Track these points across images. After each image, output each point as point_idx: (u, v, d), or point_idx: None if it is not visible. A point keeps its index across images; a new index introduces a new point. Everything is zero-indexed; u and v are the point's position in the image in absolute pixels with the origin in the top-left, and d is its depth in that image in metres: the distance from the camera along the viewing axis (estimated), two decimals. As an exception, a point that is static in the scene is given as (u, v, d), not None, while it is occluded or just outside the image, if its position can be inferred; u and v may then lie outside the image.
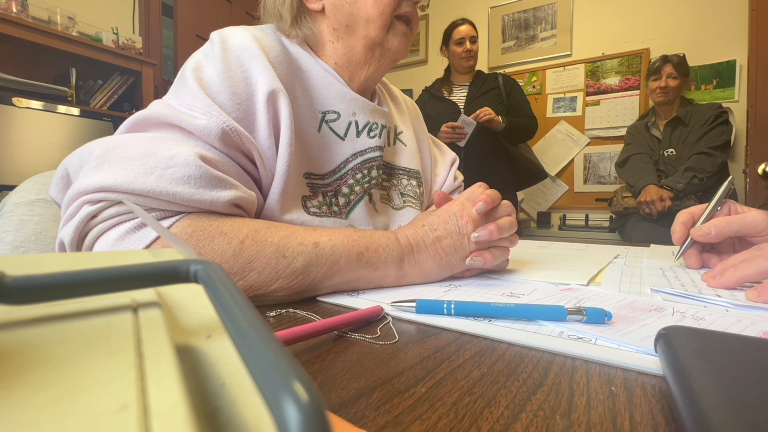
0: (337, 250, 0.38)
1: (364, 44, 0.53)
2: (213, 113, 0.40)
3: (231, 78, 0.43)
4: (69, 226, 0.35)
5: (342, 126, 0.53)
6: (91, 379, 0.08)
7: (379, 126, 0.57)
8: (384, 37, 0.53)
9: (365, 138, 0.55)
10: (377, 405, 0.19)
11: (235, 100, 0.43)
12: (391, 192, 0.61)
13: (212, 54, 0.45)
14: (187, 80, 0.43)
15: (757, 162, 1.81)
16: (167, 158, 0.36)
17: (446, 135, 1.80)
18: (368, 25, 0.52)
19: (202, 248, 0.35)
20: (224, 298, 0.10)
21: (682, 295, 0.37)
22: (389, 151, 0.63)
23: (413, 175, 0.65)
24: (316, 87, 0.52)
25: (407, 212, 0.61)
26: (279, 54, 0.49)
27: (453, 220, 0.43)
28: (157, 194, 0.35)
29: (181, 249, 0.16)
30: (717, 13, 2.20)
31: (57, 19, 2.01)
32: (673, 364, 0.20)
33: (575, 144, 2.62)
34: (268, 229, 0.38)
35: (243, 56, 0.45)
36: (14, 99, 1.77)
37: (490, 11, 2.90)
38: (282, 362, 0.07)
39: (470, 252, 0.43)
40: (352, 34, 0.53)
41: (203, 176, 0.37)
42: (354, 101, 0.54)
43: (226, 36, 0.46)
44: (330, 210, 0.51)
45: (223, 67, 0.44)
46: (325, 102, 0.52)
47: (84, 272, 0.11)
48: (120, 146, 0.37)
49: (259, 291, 0.36)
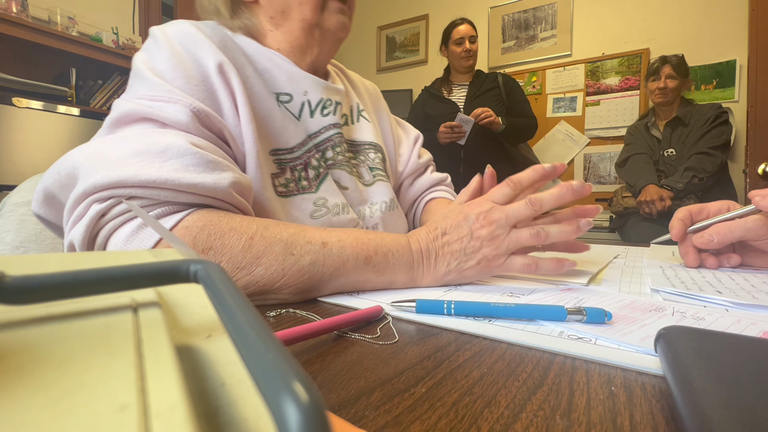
0: (345, 252, 0.38)
1: (302, 27, 0.54)
2: (176, 98, 0.41)
3: (181, 63, 0.44)
4: (79, 226, 0.35)
5: (296, 107, 0.54)
6: (91, 379, 0.08)
7: (333, 102, 0.57)
8: (320, 17, 0.54)
9: (319, 117, 0.55)
10: (377, 405, 0.19)
11: (191, 83, 0.43)
12: (360, 168, 0.61)
13: (156, 46, 0.45)
14: (141, 74, 0.43)
15: (757, 162, 1.81)
16: (162, 150, 0.37)
17: (445, 135, 1.80)
18: (302, 7, 0.53)
19: (213, 242, 0.35)
20: (224, 298, 0.10)
21: (682, 295, 0.37)
22: (353, 128, 0.63)
23: (378, 149, 0.65)
24: (266, 70, 0.52)
25: (378, 186, 0.62)
26: (223, 39, 0.50)
27: (466, 225, 0.41)
28: (162, 183, 0.35)
29: (181, 248, 0.16)
30: (717, 13, 2.20)
31: (57, 19, 2.01)
32: (673, 364, 0.20)
33: (575, 144, 2.62)
34: (276, 227, 0.38)
35: (186, 41, 0.46)
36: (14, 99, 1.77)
37: (490, 11, 2.90)
38: (282, 362, 0.07)
39: (486, 256, 0.40)
40: (288, 19, 0.54)
41: (200, 162, 0.38)
42: (304, 79, 0.54)
43: (165, 28, 0.47)
44: (298, 186, 0.51)
45: (170, 54, 0.44)
46: (276, 84, 0.53)
47: (84, 272, 0.11)
48: (106, 150, 0.37)
49: (265, 287, 0.36)
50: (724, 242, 0.47)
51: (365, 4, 3.42)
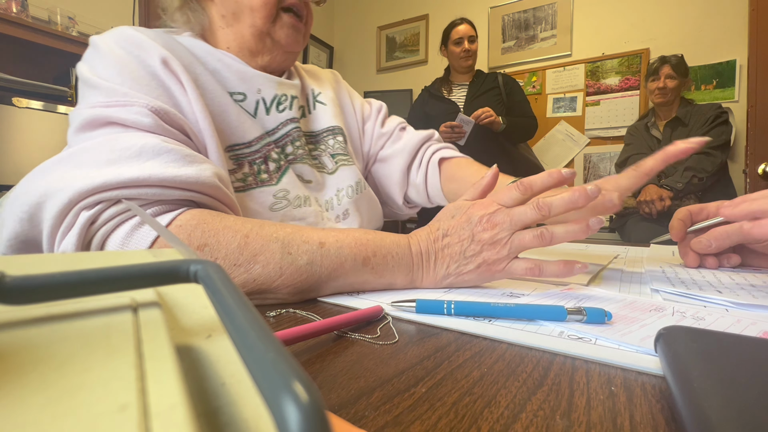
0: (342, 253, 0.38)
1: (252, 33, 0.53)
2: (132, 100, 0.40)
3: (125, 66, 0.43)
4: (70, 236, 0.34)
5: (250, 105, 0.53)
6: (91, 379, 0.08)
7: (288, 97, 0.56)
8: (271, 28, 0.54)
9: (275, 113, 0.55)
10: (377, 405, 0.19)
11: (141, 83, 0.43)
12: (322, 158, 0.61)
13: (98, 54, 0.45)
14: (89, 83, 0.42)
15: (757, 162, 1.81)
16: (137, 153, 0.36)
17: (445, 135, 1.80)
18: (253, 14, 0.52)
19: (208, 239, 0.35)
20: (224, 298, 0.10)
21: (682, 295, 0.37)
22: (311, 119, 0.62)
23: (338, 132, 0.64)
24: (217, 70, 0.52)
25: (342, 172, 0.61)
26: (167, 41, 0.50)
27: (468, 227, 0.39)
28: (148, 180, 0.35)
29: (180, 247, 0.16)
30: (717, 13, 2.20)
31: (57, 19, 2.01)
32: (673, 364, 0.20)
33: (575, 144, 2.62)
34: (272, 226, 0.38)
35: (127, 44, 0.45)
36: (14, 99, 1.77)
37: (490, 11, 2.90)
38: (282, 362, 0.07)
39: (486, 260, 0.38)
40: (239, 21, 0.53)
41: (179, 157, 0.38)
42: (256, 77, 0.54)
43: (105, 35, 0.47)
44: (257, 179, 0.51)
45: (113, 59, 0.44)
46: (229, 84, 0.53)
47: (84, 272, 0.11)
48: (79, 159, 0.36)
49: (263, 285, 0.36)
50: (723, 247, 0.47)
51: (365, 4, 3.42)
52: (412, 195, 0.74)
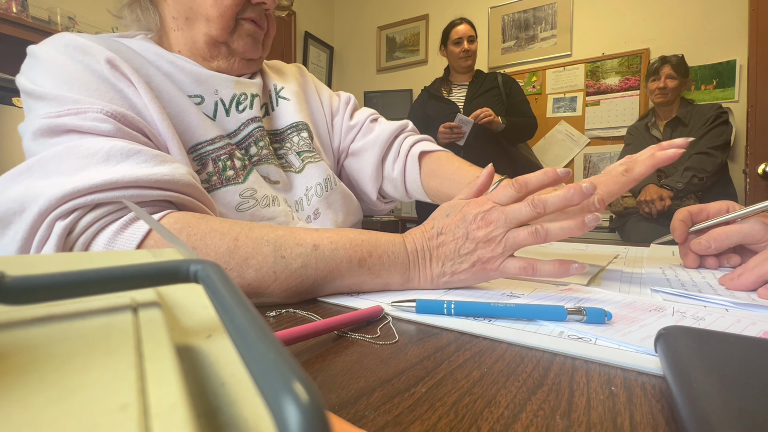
0: (337, 255, 0.37)
1: (206, 41, 0.51)
2: (85, 107, 0.38)
3: (70, 72, 0.41)
4: (46, 249, 0.32)
5: (209, 108, 0.51)
6: (91, 379, 0.08)
7: (248, 96, 0.54)
8: (228, 38, 0.51)
9: (235, 114, 0.53)
10: (377, 405, 0.19)
11: (90, 88, 0.41)
12: (288, 157, 0.59)
13: (39, 63, 0.42)
14: (33, 94, 0.40)
15: (757, 162, 1.81)
16: (106, 156, 0.35)
17: (444, 135, 1.80)
18: (209, 24, 0.50)
19: (195, 243, 0.34)
20: (224, 298, 0.10)
21: (682, 295, 0.37)
22: (274, 116, 0.60)
23: (302, 127, 0.61)
24: (170, 73, 0.50)
25: (309, 170, 0.59)
26: (114, 45, 0.47)
27: (463, 225, 0.39)
28: (121, 181, 0.34)
29: (176, 245, 0.16)
30: (717, 13, 2.20)
31: (57, 19, 2.01)
32: (673, 364, 0.20)
33: (575, 144, 2.62)
34: (262, 228, 0.37)
35: (70, 50, 0.43)
36: (14, 99, 1.77)
37: (490, 11, 2.90)
38: (282, 362, 0.07)
39: (480, 258, 0.38)
40: (192, 27, 0.51)
41: (149, 157, 0.37)
42: (212, 78, 0.52)
43: (45, 44, 0.44)
44: (222, 178, 0.49)
45: (57, 67, 0.41)
46: (184, 86, 0.50)
47: (84, 272, 0.11)
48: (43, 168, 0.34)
49: (258, 289, 0.35)
50: (722, 248, 0.47)
51: (365, 4, 3.42)
52: (388, 189, 0.71)
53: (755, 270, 0.39)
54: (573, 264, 0.36)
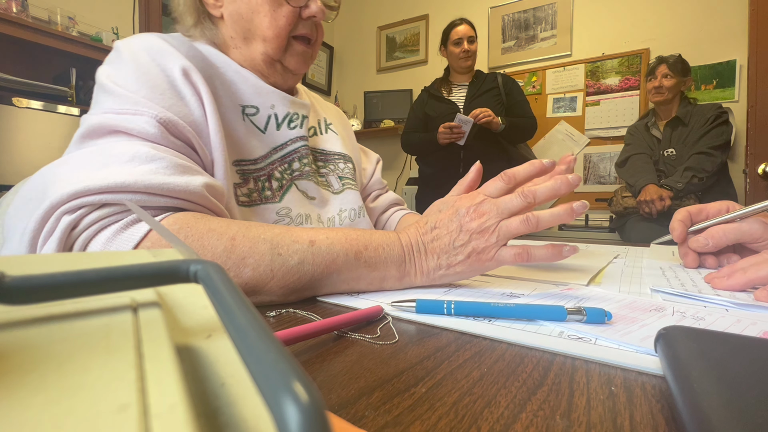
0: (333, 249, 0.38)
1: (263, 59, 0.54)
2: (142, 109, 0.41)
3: (146, 73, 0.44)
4: (50, 243, 0.34)
5: (262, 120, 0.54)
6: (91, 379, 0.08)
7: (300, 116, 0.57)
8: (282, 56, 0.54)
9: (285, 130, 0.56)
10: (377, 405, 0.19)
11: (157, 92, 0.43)
12: (329, 177, 0.62)
13: (120, 59, 0.45)
14: (105, 88, 0.43)
15: (757, 162, 1.81)
16: (129, 159, 0.36)
17: (445, 135, 1.80)
18: (265, 44, 0.53)
19: (192, 244, 0.35)
20: (224, 298, 0.10)
21: (682, 295, 0.37)
22: (322, 139, 0.64)
23: (348, 160, 0.66)
24: (234, 82, 0.53)
25: (347, 194, 0.63)
26: (190, 50, 0.50)
27: (456, 218, 0.40)
28: (132, 186, 0.35)
29: (177, 245, 0.16)
30: (717, 13, 2.20)
31: (57, 19, 2.01)
32: (673, 364, 0.20)
33: (575, 144, 2.62)
34: (259, 227, 0.38)
35: (152, 53, 0.46)
36: (14, 99, 1.77)
37: (490, 11, 2.90)
38: (282, 362, 0.07)
39: (475, 249, 0.38)
40: (249, 47, 0.54)
41: (170, 165, 0.38)
42: (271, 93, 0.55)
43: (131, 40, 0.47)
44: (261, 196, 0.52)
45: (134, 66, 0.44)
46: (243, 97, 0.53)
47: (84, 272, 0.11)
48: (72, 163, 0.37)
49: (256, 288, 0.36)
50: (720, 245, 0.47)
51: (365, 4, 3.42)
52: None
53: (747, 272, 0.38)
54: (565, 246, 0.38)
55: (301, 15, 0.53)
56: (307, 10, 0.53)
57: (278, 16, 0.51)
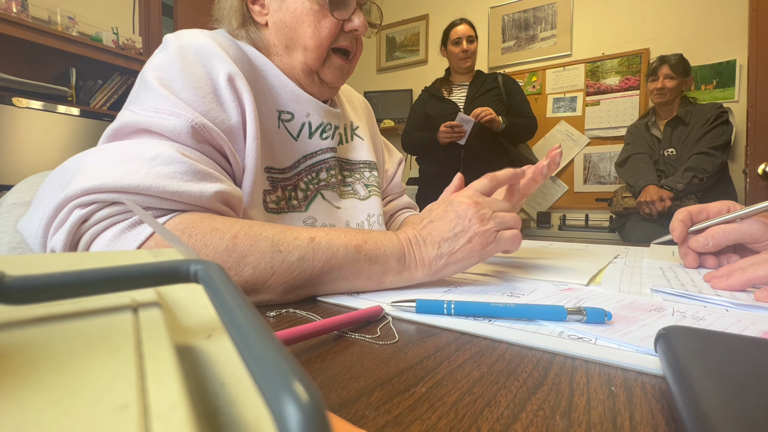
0: (333, 244, 0.38)
1: (302, 69, 0.55)
2: (179, 112, 0.41)
3: (191, 74, 0.44)
4: (60, 233, 0.35)
5: (295, 127, 0.55)
6: (91, 379, 0.08)
7: (332, 127, 0.59)
8: (320, 67, 0.55)
9: (317, 140, 0.57)
10: (377, 405, 0.19)
11: (199, 94, 0.44)
12: (355, 186, 0.64)
13: (169, 55, 0.45)
14: (148, 83, 0.43)
15: (757, 162, 1.81)
16: (151, 158, 0.37)
17: (445, 135, 1.80)
18: (306, 53, 0.54)
19: (195, 243, 0.35)
20: (224, 298, 0.10)
21: (682, 295, 0.37)
22: (347, 148, 0.65)
23: (373, 167, 0.68)
24: (273, 86, 0.54)
25: (373, 201, 0.64)
26: (237, 53, 0.51)
27: (452, 209, 0.42)
28: (146, 190, 0.35)
29: (178, 245, 0.16)
30: (717, 13, 2.20)
31: (57, 19, 2.01)
32: (673, 364, 0.20)
33: (575, 144, 2.62)
34: (261, 226, 0.38)
35: (201, 52, 0.46)
36: (14, 99, 1.77)
37: (490, 11, 2.90)
38: (282, 362, 0.07)
39: (477, 233, 0.40)
40: (290, 55, 0.55)
41: (188, 171, 0.38)
42: (308, 102, 0.56)
43: (181, 37, 0.47)
44: (288, 204, 0.53)
45: (182, 64, 0.44)
46: (280, 102, 0.54)
47: (84, 272, 0.11)
48: (94, 157, 0.37)
49: (256, 285, 0.36)
50: (720, 245, 0.47)
51: (365, 4, 3.42)
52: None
53: (747, 272, 0.38)
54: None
55: (343, 28, 0.54)
56: (350, 23, 0.54)
57: (321, 27, 0.52)
